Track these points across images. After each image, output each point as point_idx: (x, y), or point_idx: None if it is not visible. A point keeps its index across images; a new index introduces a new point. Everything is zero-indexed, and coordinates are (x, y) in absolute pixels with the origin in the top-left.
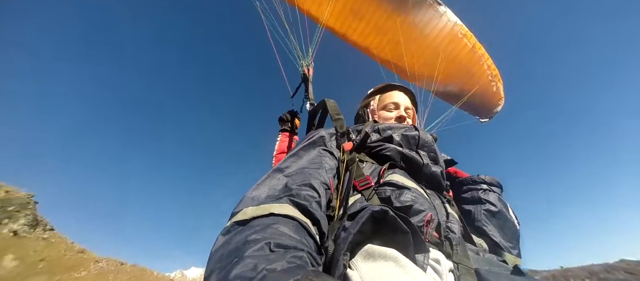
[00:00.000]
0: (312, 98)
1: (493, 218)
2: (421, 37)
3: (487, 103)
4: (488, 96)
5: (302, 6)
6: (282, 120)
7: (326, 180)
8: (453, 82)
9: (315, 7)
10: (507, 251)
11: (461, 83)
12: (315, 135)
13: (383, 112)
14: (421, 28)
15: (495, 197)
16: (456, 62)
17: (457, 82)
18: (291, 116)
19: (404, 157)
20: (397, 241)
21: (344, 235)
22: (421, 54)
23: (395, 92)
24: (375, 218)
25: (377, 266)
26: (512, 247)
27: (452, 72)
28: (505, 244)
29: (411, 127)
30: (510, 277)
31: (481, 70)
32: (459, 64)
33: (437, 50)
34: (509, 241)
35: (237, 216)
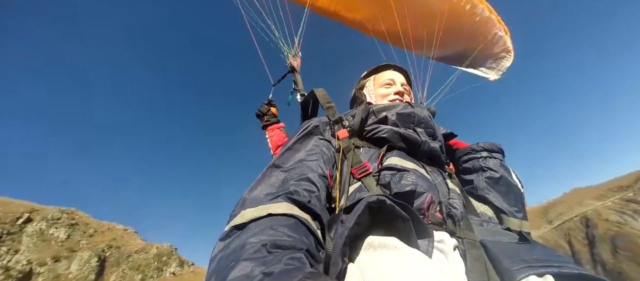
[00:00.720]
0: (302, 89)
1: (496, 185)
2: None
3: (495, 59)
4: (495, 51)
5: None
6: (260, 115)
7: (324, 171)
8: (455, 42)
9: None
10: (511, 216)
11: (464, 42)
12: (309, 125)
13: (380, 89)
14: None
15: (497, 162)
16: (456, 20)
17: (460, 42)
18: (267, 107)
19: (401, 137)
20: (397, 229)
21: (341, 230)
22: (416, 16)
23: (390, 71)
24: (372, 208)
25: (377, 257)
26: (516, 211)
27: (453, 31)
28: (510, 209)
29: (406, 105)
30: (515, 245)
31: (484, 24)
32: (459, 21)
33: (434, 9)
34: (513, 205)
35: (234, 220)
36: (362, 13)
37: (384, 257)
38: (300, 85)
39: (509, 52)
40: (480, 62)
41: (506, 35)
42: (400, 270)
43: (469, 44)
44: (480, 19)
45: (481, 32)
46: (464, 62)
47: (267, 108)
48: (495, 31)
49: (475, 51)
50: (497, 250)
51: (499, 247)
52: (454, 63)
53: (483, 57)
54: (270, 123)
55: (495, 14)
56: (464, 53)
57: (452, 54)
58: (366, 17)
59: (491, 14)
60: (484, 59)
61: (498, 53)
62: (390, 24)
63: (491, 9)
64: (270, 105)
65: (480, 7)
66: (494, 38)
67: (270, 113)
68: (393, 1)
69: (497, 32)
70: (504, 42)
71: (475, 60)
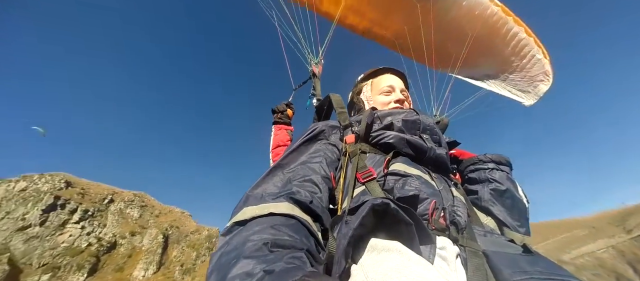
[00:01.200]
0: (319, 94)
1: (500, 198)
2: (445, 19)
3: (531, 83)
4: (532, 74)
5: (319, 7)
6: (275, 111)
7: (328, 174)
8: (487, 63)
9: (332, 5)
10: (513, 230)
11: (498, 63)
12: (315, 128)
13: (378, 96)
14: (444, 9)
15: (503, 175)
16: (489, 41)
17: (493, 63)
18: (285, 107)
19: (407, 143)
20: (401, 233)
21: (345, 230)
22: (446, 35)
23: (388, 75)
24: (376, 211)
25: (380, 259)
26: (519, 225)
27: (484, 52)
28: (513, 223)
29: (411, 111)
30: (518, 256)
31: (521, 46)
32: (492, 42)
33: (464, 32)
34: (516, 220)
35: (237, 217)
36: (391, 31)
37: (388, 260)
38: (318, 91)
39: (547, 76)
40: (514, 84)
41: (545, 58)
42: (404, 273)
43: (503, 65)
44: (516, 41)
45: (516, 53)
46: (494, 82)
47: (284, 107)
48: (532, 53)
49: (509, 73)
50: (499, 260)
51: (500, 257)
52: (483, 83)
53: (518, 80)
54: (281, 122)
55: (534, 36)
56: (496, 74)
57: (482, 74)
58: (395, 34)
59: (529, 36)
60: (519, 81)
61: (534, 76)
62: (415, 40)
63: (529, 31)
64: (288, 106)
65: (517, 29)
66: (531, 61)
67: (285, 114)
68: (422, 21)
69: (534, 55)
70: (542, 65)
71: (510, 82)
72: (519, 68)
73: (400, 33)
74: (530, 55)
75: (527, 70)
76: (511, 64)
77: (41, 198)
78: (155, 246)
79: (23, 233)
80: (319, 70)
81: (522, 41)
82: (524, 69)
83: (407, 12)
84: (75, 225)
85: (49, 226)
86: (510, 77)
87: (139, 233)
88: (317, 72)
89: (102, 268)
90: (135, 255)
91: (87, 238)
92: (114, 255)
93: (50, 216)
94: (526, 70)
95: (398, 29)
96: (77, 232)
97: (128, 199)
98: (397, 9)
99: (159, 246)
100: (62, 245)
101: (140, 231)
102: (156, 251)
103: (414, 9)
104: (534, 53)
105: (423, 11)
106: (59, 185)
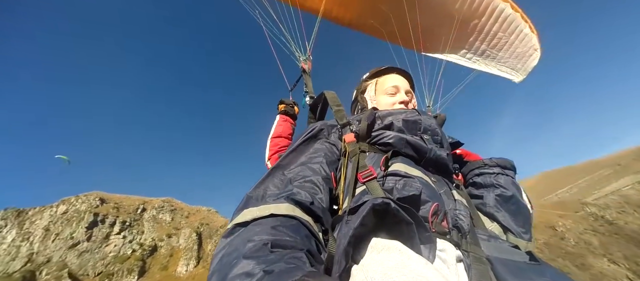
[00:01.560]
0: (311, 91)
1: (506, 204)
2: (430, 2)
3: (520, 58)
4: (521, 50)
5: (302, 3)
6: (282, 102)
7: (328, 174)
8: (475, 42)
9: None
10: (518, 237)
11: (486, 41)
12: (314, 128)
13: (383, 96)
14: None
15: (508, 180)
16: (475, 19)
17: (481, 41)
18: (293, 102)
19: (407, 143)
20: (401, 233)
21: (345, 230)
22: (432, 17)
23: (394, 75)
24: (377, 210)
25: (380, 259)
26: (524, 232)
27: (472, 31)
28: (517, 229)
29: (413, 111)
30: (525, 265)
31: (508, 22)
32: (478, 20)
33: (450, 13)
34: (521, 226)
35: (237, 218)
36: (378, 19)
37: (388, 259)
38: (310, 88)
39: (536, 50)
40: (504, 61)
41: (533, 32)
42: (403, 272)
43: (491, 44)
44: (503, 17)
45: (504, 30)
46: (484, 62)
47: (292, 103)
48: (520, 28)
49: (498, 50)
50: (504, 268)
51: (506, 265)
52: (473, 63)
53: (507, 57)
54: (288, 114)
55: (521, 11)
56: (485, 54)
57: (471, 55)
58: (381, 21)
59: (516, 11)
60: (508, 58)
61: (523, 52)
62: (402, 26)
63: (516, 6)
64: (296, 104)
65: (503, 5)
66: (518, 36)
67: (292, 108)
68: (408, 6)
69: (522, 30)
70: (530, 39)
71: (499, 60)
72: (507, 45)
73: (386, 20)
74: (518, 31)
75: (516, 46)
76: (500, 40)
77: (82, 217)
78: (191, 244)
79: (75, 249)
80: (308, 66)
81: (509, 17)
82: (512, 45)
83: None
84: (118, 236)
85: (95, 240)
86: (499, 54)
87: (175, 235)
88: (307, 68)
89: (149, 269)
90: (175, 254)
91: (130, 245)
92: (157, 257)
93: (94, 231)
94: (515, 46)
95: (384, 16)
96: (121, 242)
97: (158, 206)
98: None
99: (195, 243)
100: (110, 254)
101: (175, 232)
102: (193, 248)
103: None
104: (522, 28)
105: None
106: (95, 202)
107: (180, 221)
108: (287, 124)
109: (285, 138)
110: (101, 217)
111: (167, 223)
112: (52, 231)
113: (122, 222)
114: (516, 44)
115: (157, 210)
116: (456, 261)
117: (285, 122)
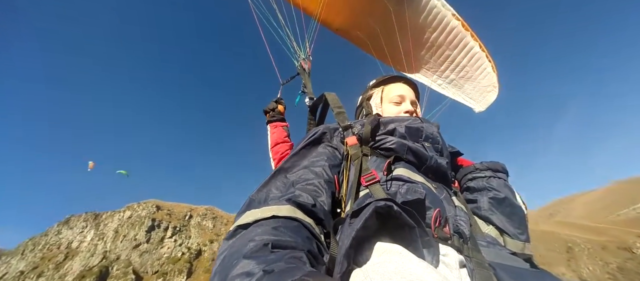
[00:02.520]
0: (311, 92)
1: (500, 206)
2: (416, 27)
3: (481, 92)
4: (483, 85)
5: (297, 2)
6: (266, 111)
7: (330, 177)
8: (447, 72)
9: (310, 2)
10: (515, 238)
11: (455, 73)
12: (317, 131)
13: (388, 105)
14: (415, 18)
15: (501, 183)
16: (450, 53)
17: (451, 73)
18: (275, 104)
19: (408, 150)
20: (403, 237)
21: (347, 232)
22: (415, 44)
23: (400, 84)
24: (379, 213)
25: (381, 261)
26: (520, 233)
27: (446, 63)
28: (513, 231)
29: (415, 119)
30: (525, 271)
31: (476, 58)
32: (452, 54)
33: (432, 40)
34: (516, 227)
35: (240, 220)
36: (365, 32)
37: (389, 263)
38: (309, 88)
39: (495, 88)
40: (468, 92)
41: (493, 71)
42: (404, 276)
43: (459, 74)
44: (472, 53)
45: (471, 65)
46: (451, 90)
47: (274, 105)
48: (484, 66)
49: (464, 82)
50: (506, 273)
51: (507, 271)
52: (445, 90)
53: (471, 88)
54: (275, 120)
55: (487, 51)
56: (453, 82)
57: (441, 82)
58: (368, 36)
59: (482, 50)
60: (472, 90)
61: (485, 87)
62: (392, 45)
63: (482, 46)
64: (278, 102)
65: (473, 43)
66: (482, 72)
67: (277, 111)
68: (396, 23)
69: (485, 68)
70: (491, 77)
71: (464, 90)
72: (472, 78)
73: (374, 35)
74: (482, 68)
75: (479, 80)
76: (466, 73)
77: (143, 222)
78: None
79: (137, 250)
80: (308, 66)
81: (476, 54)
82: (476, 80)
83: (380, 16)
84: (170, 239)
85: (153, 243)
86: (464, 85)
87: (216, 240)
88: (307, 68)
89: (195, 270)
90: None
91: (180, 248)
92: (201, 260)
93: (152, 234)
94: (478, 80)
95: (372, 31)
96: (173, 245)
97: (202, 213)
98: (370, 12)
99: None
100: (164, 256)
101: (216, 238)
102: None
103: (387, 14)
104: (485, 66)
105: (397, 16)
106: (152, 209)
107: (221, 228)
108: (278, 129)
109: (282, 143)
110: (157, 222)
111: (210, 230)
112: (120, 233)
113: (173, 227)
114: (479, 78)
115: (201, 218)
116: (459, 266)
117: (275, 128)
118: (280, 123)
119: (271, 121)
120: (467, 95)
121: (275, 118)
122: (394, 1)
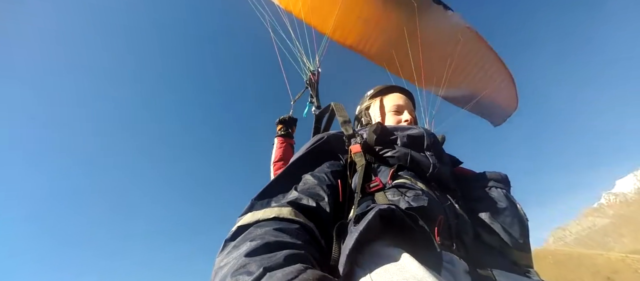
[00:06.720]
0: (318, 102)
1: (500, 216)
2: (428, 41)
3: (500, 106)
4: (501, 99)
5: (309, 20)
6: (281, 122)
7: (333, 182)
8: (462, 86)
9: (321, 20)
10: (515, 248)
11: (470, 86)
12: (320, 137)
13: (387, 114)
14: (428, 32)
15: (502, 193)
16: (465, 66)
17: (466, 86)
18: (290, 121)
19: (411, 158)
20: (406, 242)
21: (351, 235)
22: (428, 57)
23: (397, 95)
24: (382, 217)
25: (384, 265)
26: (521, 243)
27: (460, 76)
28: (513, 240)
29: (418, 128)
30: (525, 277)
31: (493, 71)
32: (467, 67)
33: (445, 53)
34: (517, 237)
35: (241, 221)
36: (377, 46)
37: (393, 267)
38: (317, 99)
39: (513, 101)
40: (485, 106)
41: (512, 85)
42: (408, 279)
43: (476, 88)
44: (489, 65)
45: (489, 78)
46: (469, 103)
47: (289, 121)
48: (502, 78)
49: (480, 96)
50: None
51: (509, 278)
52: (459, 103)
53: (489, 102)
54: (285, 135)
55: (504, 64)
56: (471, 96)
57: (459, 95)
58: (380, 50)
59: (500, 63)
60: (489, 103)
61: (503, 100)
62: (402, 60)
63: (499, 58)
64: (294, 123)
65: (489, 55)
66: (500, 86)
67: (289, 132)
68: (408, 38)
69: (504, 80)
70: (509, 91)
71: (481, 104)
72: (490, 91)
73: (385, 50)
74: (500, 80)
75: (497, 93)
76: (484, 87)
77: None
78: None
79: None
80: (316, 78)
81: (493, 67)
82: (493, 92)
83: (392, 32)
84: None
85: None
86: (482, 100)
87: None
88: (315, 79)
89: None
90: None
91: None
92: None
93: None
94: (496, 93)
95: (383, 46)
96: None
97: None
98: (383, 29)
99: None
100: None
101: None
102: None
103: (400, 29)
104: (503, 79)
105: (409, 31)
106: None
107: None
108: (285, 146)
109: (286, 162)
110: None
111: None
112: None
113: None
114: (497, 91)
115: None
116: (462, 273)
117: (283, 144)
118: (289, 139)
119: (281, 135)
120: (484, 108)
121: (286, 134)
122: (406, 17)
